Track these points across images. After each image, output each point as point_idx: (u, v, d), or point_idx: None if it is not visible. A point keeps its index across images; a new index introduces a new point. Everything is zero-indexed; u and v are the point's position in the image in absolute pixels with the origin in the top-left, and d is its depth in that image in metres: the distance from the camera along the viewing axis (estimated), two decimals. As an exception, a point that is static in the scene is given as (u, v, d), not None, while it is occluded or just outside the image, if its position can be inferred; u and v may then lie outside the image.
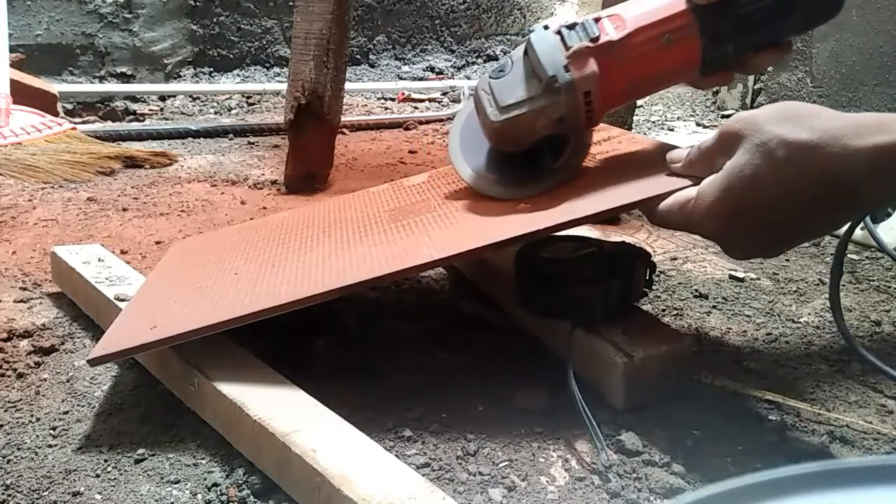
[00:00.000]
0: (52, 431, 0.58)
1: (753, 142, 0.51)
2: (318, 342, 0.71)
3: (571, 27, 0.60)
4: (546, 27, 0.61)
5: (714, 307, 0.84)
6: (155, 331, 0.59)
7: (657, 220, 0.59)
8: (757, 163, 0.51)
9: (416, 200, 0.73)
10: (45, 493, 0.51)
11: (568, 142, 0.66)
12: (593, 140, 0.77)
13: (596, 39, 0.59)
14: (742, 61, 0.61)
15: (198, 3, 2.13)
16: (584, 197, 0.62)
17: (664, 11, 0.59)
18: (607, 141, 0.76)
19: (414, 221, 0.67)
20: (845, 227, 0.66)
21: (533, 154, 0.65)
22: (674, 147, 0.63)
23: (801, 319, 0.81)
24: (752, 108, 1.86)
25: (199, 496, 0.51)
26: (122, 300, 0.70)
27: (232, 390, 0.55)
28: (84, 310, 0.77)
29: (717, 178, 0.54)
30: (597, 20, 0.60)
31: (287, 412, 0.52)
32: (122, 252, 0.96)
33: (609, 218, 1.03)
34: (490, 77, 0.63)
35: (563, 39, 0.60)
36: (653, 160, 0.64)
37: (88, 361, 0.58)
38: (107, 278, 0.75)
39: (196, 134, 1.64)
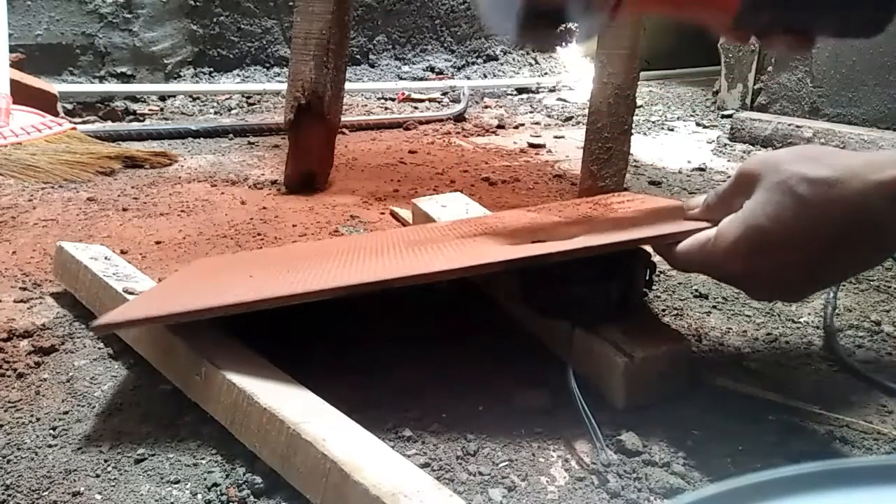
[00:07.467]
0: (52, 431, 0.58)
1: (773, 180, 0.51)
2: (318, 342, 0.71)
3: None
4: None
5: (714, 307, 0.84)
6: (162, 306, 0.60)
7: (679, 262, 0.59)
8: (778, 199, 0.50)
9: (435, 236, 0.77)
10: (45, 493, 0.51)
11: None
12: (615, 200, 0.82)
13: None
14: (767, 32, 0.59)
15: (198, 3, 2.13)
16: (602, 234, 0.63)
17: None
18: (631, 201, 0.80)
19: (430, 247, 0.70)
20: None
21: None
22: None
23: (801, 319, 0.81)
24: (752, 107, 1.86)
25: (199, 496, 0.51)
26: (131, 293, 0.70)
27: (241, 380, 0.55)
28: (87, 304, 0.76)
29: (738, 216, 0.53)
30: None
31: (296, 404, 0.53)
32: (122, 252, 0.96)
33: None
34: None
35: None
36: (673, 214, 0.66)
37: (93, 328, 0.58)
38: (114, 274, 0.75)
39: (196, 134, 1.64)
